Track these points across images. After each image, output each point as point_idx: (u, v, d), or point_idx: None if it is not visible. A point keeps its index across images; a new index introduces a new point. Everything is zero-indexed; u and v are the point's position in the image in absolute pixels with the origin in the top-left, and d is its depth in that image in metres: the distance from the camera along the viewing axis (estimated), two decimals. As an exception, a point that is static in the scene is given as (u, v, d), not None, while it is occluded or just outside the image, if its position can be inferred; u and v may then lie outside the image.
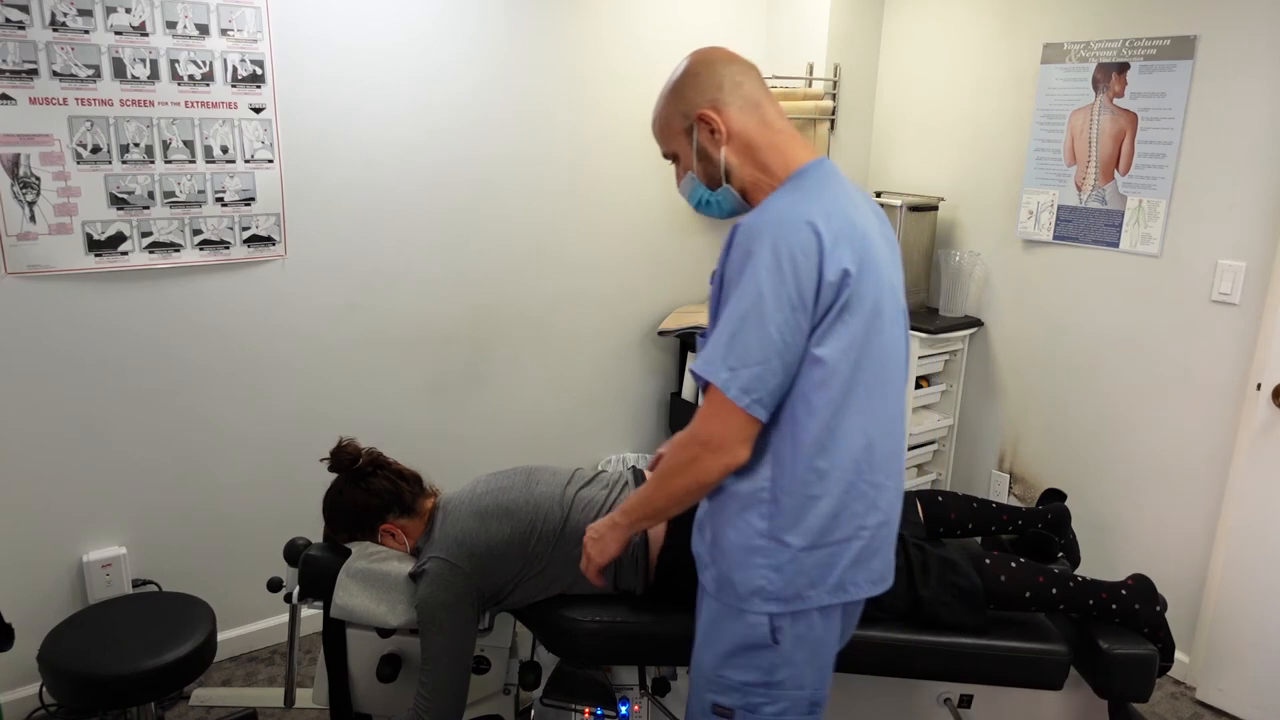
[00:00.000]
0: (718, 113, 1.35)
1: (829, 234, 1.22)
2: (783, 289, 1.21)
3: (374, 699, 2.02)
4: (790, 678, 1.35)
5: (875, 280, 1.27)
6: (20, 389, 2.29)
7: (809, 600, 1.32)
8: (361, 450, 1.99)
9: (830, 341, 1.25)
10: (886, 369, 1.31)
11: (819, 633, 1.35)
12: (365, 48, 2.59)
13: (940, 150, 3.29)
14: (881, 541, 1.36)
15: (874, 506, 1.33)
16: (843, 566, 1.32)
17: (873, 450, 1.31)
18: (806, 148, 1.38)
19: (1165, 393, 2.72)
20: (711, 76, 1.36)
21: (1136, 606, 1.87)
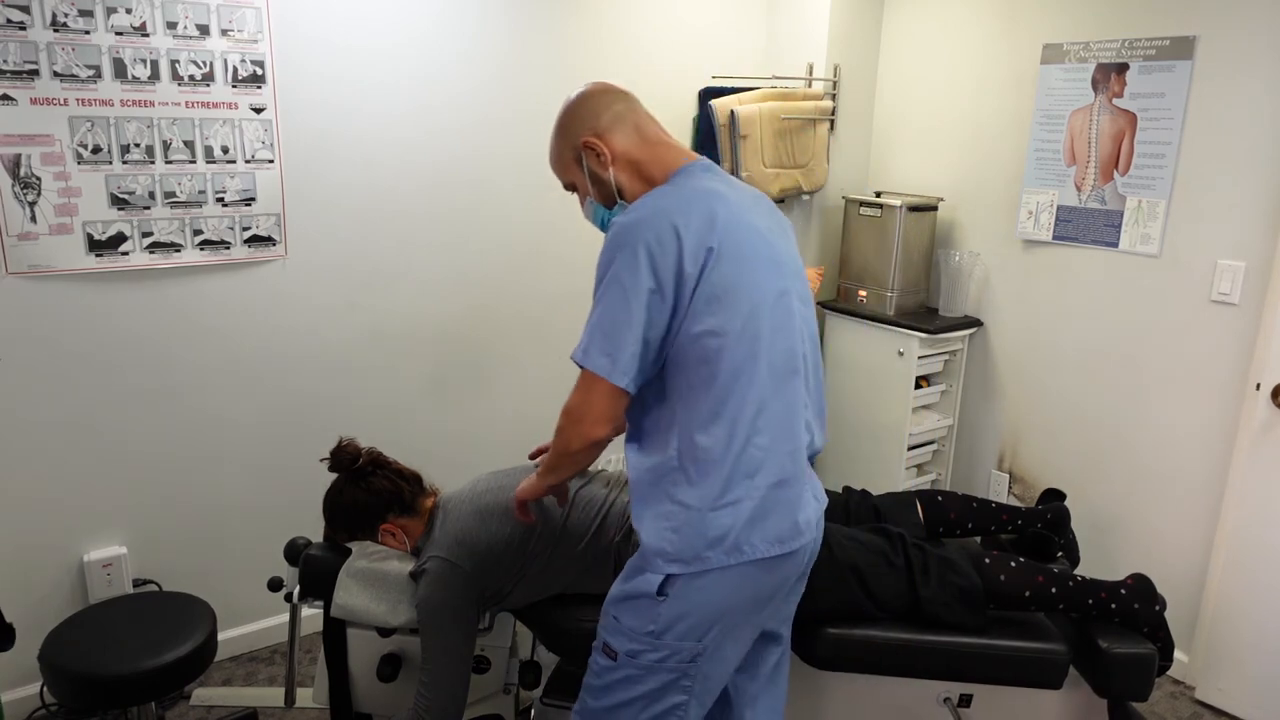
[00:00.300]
0: (600, 138, 1.50)
1: (686, 224, 1.35)
2: (640, 276, 1.34)
3: (374, 699, 2.02)
4: (674, 630, 1.42)
5: (746, 264, 1.38)
6: (21, 389, 2.29)
7: (708, 561, 1.39)
8: (361, 450, 1.99)
9: (705, 320, 1.35)
10: (776, 342, 1.41)
11: (715, 593, 1.41)
12: (365, 48, 2.59)
13: (940, 150, 3.30)
14: (776, 502, 1.42)
15: (763, 468, 1.40)
16: (738, 528, 1.39)
17: (762, 416, 1.39)
18: (683, 154, 1.52)
19: (1165, 393, 2.72)
20: (590, 108, 1.52)
21: (1136, 606, 1.87)
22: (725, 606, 1.42)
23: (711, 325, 1.36)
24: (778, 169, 3.17)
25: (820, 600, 1.85)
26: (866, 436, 3.33)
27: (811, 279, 3.32)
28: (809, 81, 3.32)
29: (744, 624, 1.47)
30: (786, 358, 1.43)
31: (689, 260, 1.34)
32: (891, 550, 1.90)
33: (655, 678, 1.44)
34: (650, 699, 1.45)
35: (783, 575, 1.46)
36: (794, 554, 1.45)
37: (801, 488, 1.46)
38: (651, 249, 1.34)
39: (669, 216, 1.35)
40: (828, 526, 1.95)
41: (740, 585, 1.42)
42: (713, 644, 1.43)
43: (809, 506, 1.48)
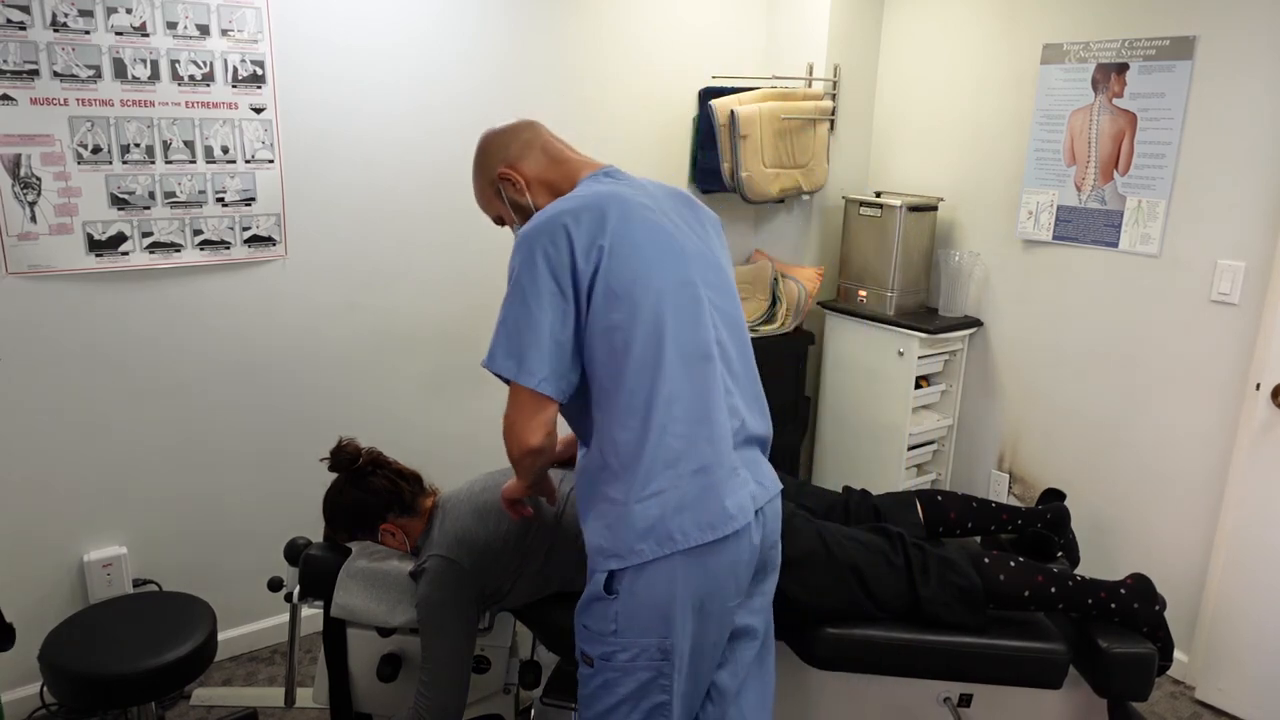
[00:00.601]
0: (512, 168, 1.60)
1: (575, 224, 1.41)
2: (539, 278, 1.40)
3: (374, 699, 2.02)
4: (632, 626, 1.44)
5: (643, 258, 1.43)
6: (21, 389, 2.29)
7: (642, 554, 1.41)
8: (361, 450, 1.99)
9: (607, 316, 1.40)
10: (683, 331, 1.44)
11: (659, 585, 1.42)
12: (365, 48, 2.59)
13: (940, 150, 3.30)
14: (701, 489, 1.43)
15: (683, 457, 1.42)
16: (665, 518, 1.41)
17: (676, 405, 1.42)
18: (587, 166, 1.61)
19: (1165, 393, 2.72)
20: (499, 142, 1.62)
21: (1136, 606, 1.87)
22: (674, 597, 1.43)
23: (614, 320, 1.40)
24: (778, 169, 3.17)
25: (820, 600, 1.85)
26: (866, 436, 3.33)
27: (812, 279, 3.32)
28: (809, 81, 3.32)
29: (705, 615, 1.47)
30: (697, 345, 1.46)
31: (581, 258, 1.39)
32: (891, 550, 1.90)
33: (632, 679, 1.46)
34: (634, 701, 1.47)
35: (728, 561, 1.46)
36: (731, 539, 1.45)
37: (728, 473, 1.46)
38: (547, 251, 1.40)
39: (560, 219, 1.41)
40: (826, 526, 1.95)
41: (683, 575, 1.43)
42: (678, 637, 1.44)
43: (741, 491, 1.47)
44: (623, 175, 1.59)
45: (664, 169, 3.32)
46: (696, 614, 1.46)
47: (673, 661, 1.45)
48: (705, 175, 3.30)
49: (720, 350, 1.50)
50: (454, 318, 2.94)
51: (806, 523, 1.93)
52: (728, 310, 1.55)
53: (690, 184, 3.40)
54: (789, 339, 3.32)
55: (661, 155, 3.30)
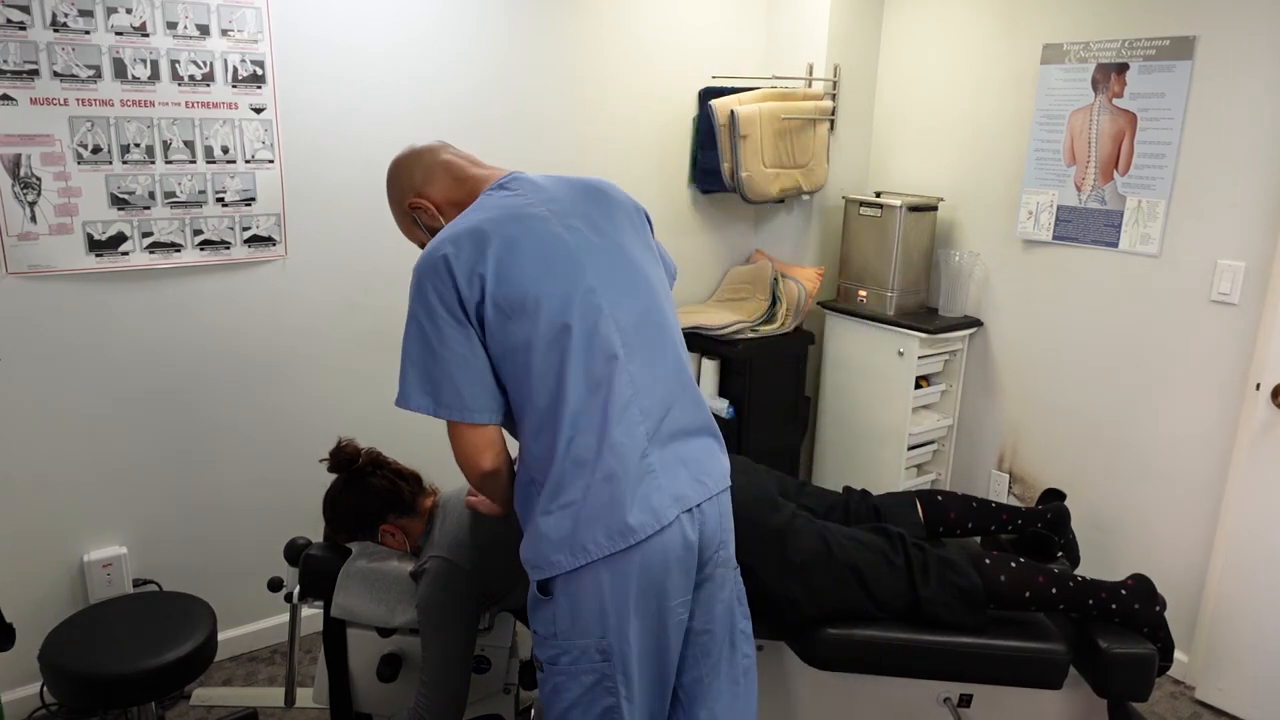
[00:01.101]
0: (421, 195, 1.61)
1: (456, 255, 1.40)
2: (434, 312, 1.41)
3: (374, 699, 2.02)
4: (572, 628, 1.45)
5: (530, 275, 1.42)
6: (21, 389, 2.29)
7: (559, 565, 1.42)
8: (361, 450, 1.99)
9: (504, 339, 1.42)
10: (583, 341, 1.43)
11: (587, 590, 1.43)
12: (365, 48, 2.59)
13: (940, 150, 3.30)
14: (611, 497, 1.41)
15: (591, 466, 1.42)
16: (580, 527, 1.41)
17: (581, 416, 1.42)
18: (487, 179, 1.59)
19: (1165, 393, 2.72)
20: (404, 171, 1.63)
21: (1136, 606, 1.87)
22: (603, 602, 1.43)
23: (509, 341, 1.42)
24: (778, 169, 3.17)
25: (820, 600, 1.85)
26: (866, 436, 3.33)
27: (812, 279, 3.32)
28: (809, 81, 3.32)
29: (643, 615, 1.45)
30: (596, 353, 1.44)
31: (464, 287, 1.40)
32: (891, 550, 1.90)
33: (578, 681, 1.47)
34: (585, 705, 1.48)
35: (656, 563, 1.44)
36: (653, 542, 1.42)
37: (640, 478, 1.43)
38: (434, 284, 1.41)
39: (441, 250, 1.42)
40: (828, 526, 1.95)
41: (609, 579, 1.42)
42: (614, 638, 1.44)
43: (658, 494, 1.44)
44: (521, 182, 1.55)
45: (664, 169, 3.32)
46: (635, 615, 1.44)
47: (614, 663, 1.45)
48: (705, 175, 3.30)
49: (626, 352, 1.46)
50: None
51: (808, 523, 1.93)
52: (637, 307, 1.51)
53: (690, 184, 3.40)
54: (789, 339, 3.32)
55: (661, 155, 3.30)
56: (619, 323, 1.47)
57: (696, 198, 3.44)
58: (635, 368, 1.47)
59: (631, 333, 1.48)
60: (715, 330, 3.17)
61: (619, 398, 1.44)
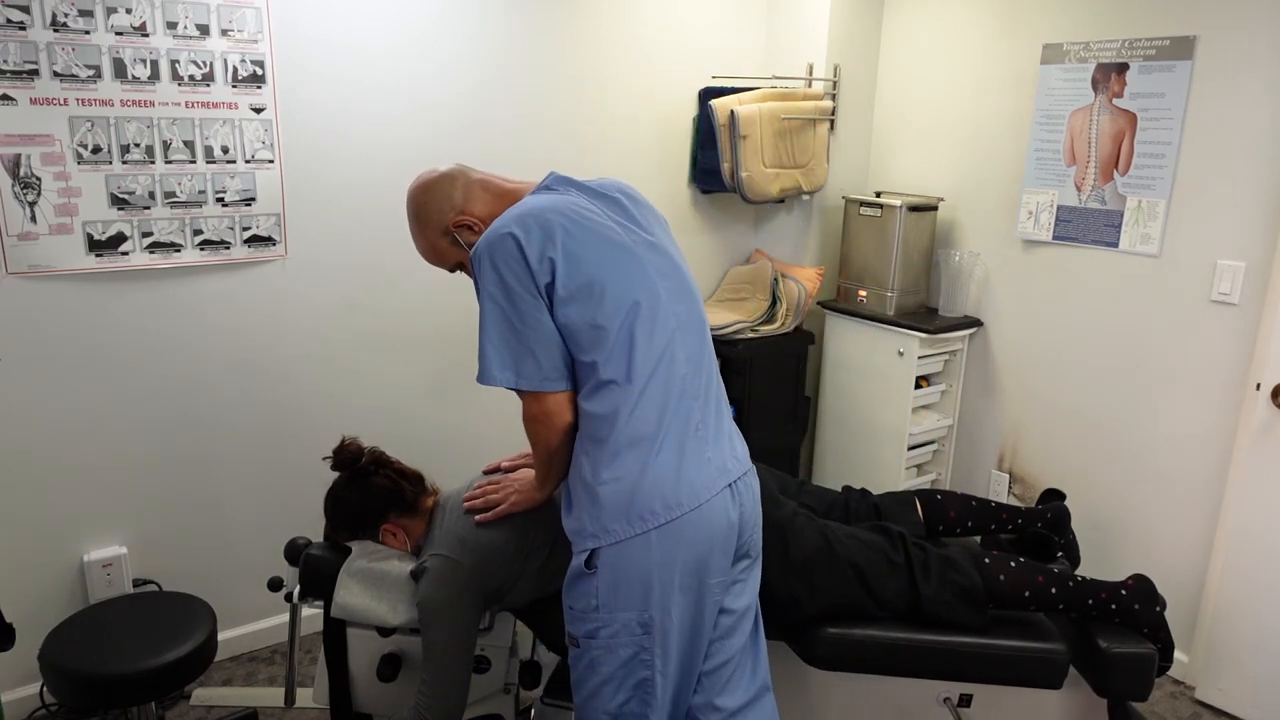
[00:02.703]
0: (465, 213, 1.62)
1: (524, 233, 1.46)
2: (509, 290, 1.46)
3: (374, 699, 2.02)
4: (613, 601, 1.50)
5: (599, 259, 1.49)
6: (21, 389, 2.29)
7: (616, 534, 1.48)
8: (364, 449, 1.99)
9: (572, 317, 1.47)
10: (646, 323, 1.51)
11: (636, 559, 1.48)
12: (365, 48, 2.59)
13: (940, 150, 3.30)
14: (665, 469, 1.49)
15: (650, 439, 1.49)
16: (639, 496, 1.47)
17: (642, 392, 1.49)
18: (527, 187, 1.65)
19: (1165, 393, 2.72)
20: (442, 192, 1.63)
21: (1136, 606, 1.87)
22: (650, 571, 1.48)
23: (577, 319, 1.47)
24: (778, 169, 3.17)
25: (820, 598, 1.85)
26: (866, 436, 3.33)
27: (812, 279, 3.32)
28: (809, 81, 3.32)
29: (685, 591, 1.51)
30: (658, 335, 1.52)
31: (535, 265, 1.45)
32: (892, 548, 1.90)
33: (615, 656, 1.52)
34: (619, 679, 1.52)
35: (703, 536, 1.51)
36: (703, 513, 1.49)
37: (693, 452, 1.52)
38: (506, 261, 1.46)
39: (506, 229, 1.47)
40: (829, 524, 1.95)
41: (659, 550, 1.48)
42: (657, 611, 1.49)
43: (706, 468, 1.53)
44: (564, 183, 1.62)
45: (664, 169, 3.32)
46: (677, 589, 1.50)
47: (654, 636, 1.50)
48: (705, 175, 3.30)
49: (680, 334, 1.56)
50: (454, 317, 2.94)
51: (809, 521, 1.93)
52: (685, 295, 1.61)
53: (690, 184, 3.40)
54: (789, 339, 3.32)
55: (661, 155, 3.30)
56: (674, 308, 1.57)
57: (696, 198, 3.44)
58: (688, 350, 1.57)
59: (684, 318, 1.58)
60: (715, 330, 3.17)
61: (677, 374, 1.53)
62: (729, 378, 3.26)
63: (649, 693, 1.52)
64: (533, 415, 1.54)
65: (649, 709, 1.53)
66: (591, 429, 1.51)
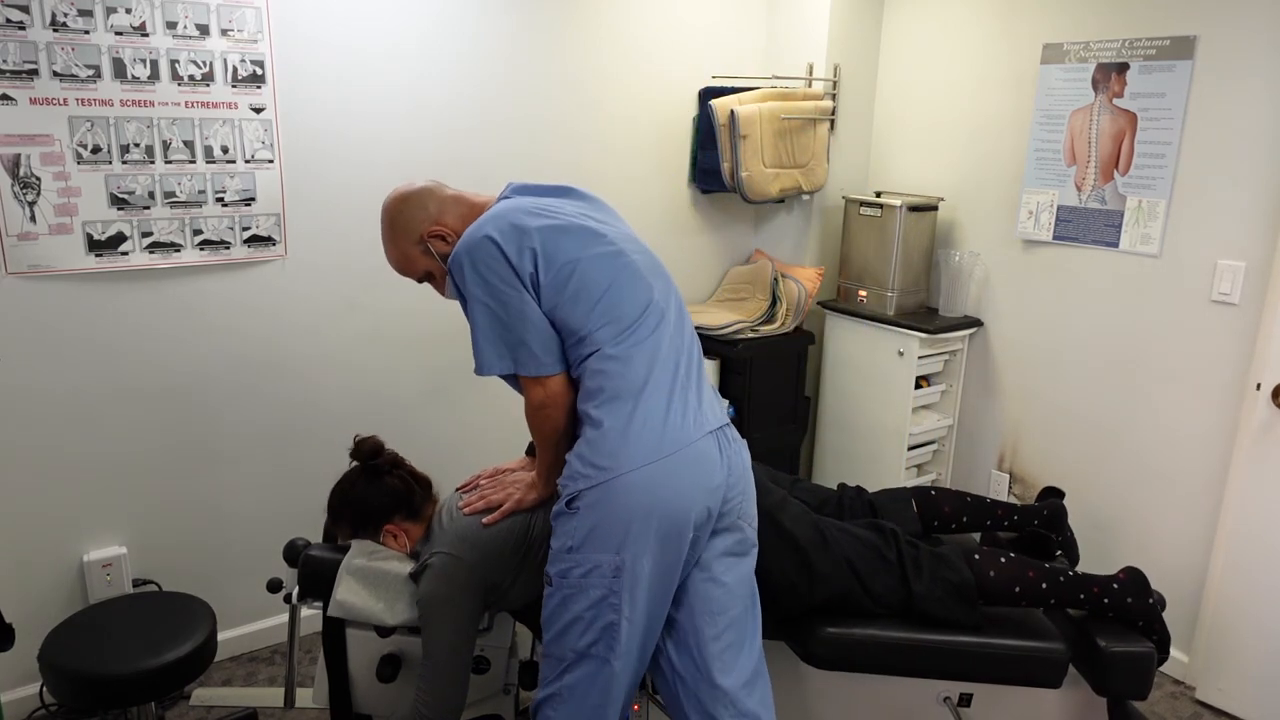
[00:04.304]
0: (440, 224, 1.71)
1: (499, 233, 1.57)
2: (492, 288, 1.57)
3: (374, 699, 2.02)
4: (590, 543, 1.57)
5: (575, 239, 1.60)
6: (21, 389, 2.29)
7: (607, 471, 1.56)
8: (384, 447, 2.00)
9: (561, 291, 1.57)
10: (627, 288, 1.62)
11: (618, 500, 1.55)
12: (365, 48, 2.59)
13: (940, 150, 3.30)
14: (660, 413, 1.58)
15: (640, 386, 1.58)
16: (631, 438, 1.56)
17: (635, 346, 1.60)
18: (493, 198, 1.74)
19: (1165, 392, 2.72)
20: (417, 204, 1.72)
21: (1129, 600, 1.87)
22: (631, 514, 1.55)
23: (566, 291, 1.57)
24: (778, 169, 3.17)
25: (819, 587, 1.85)
26: (866, 436, 3.33)
27: (812, 279, 3.32)
28: (809, 81, 3.32)
29: (662, 538, 1.56)
30: (640, 299, 1.64)
31: (515, 259, 1.56)
32: (884, 545, 1.90)
33: (585, 596, 1.58)
34: (587, 621, 1.58)
35: (686, 482, 1.57)
36: (687, 457, 1.57)
37: (681, 401, 1.62)
38: (486, 262, 1.57)
39: (481, 232, 1.58)
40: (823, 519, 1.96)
41: (641, 491, 1.55)
42: (630, 555, 1.55)
43: (691, 415, 1.62)
44: (523, 188, 1.74)
45: (664, 169, 3.32)
46: (654, 535, 1.55)
47: (623, 580, 1.56)
48: (705, 175, 3.30)
49: (662, 298, 1.67)
50: (453, 317, 2.93)
51: (804, 512, 1.93)
52: (655, 267, 1.72)
53: (690, 184, 3.40)
54: (789, 339, 3.32)
55: (661, 155, 3.30)
56: (648, 275, 1.68)
57: (696, 198, 3.44)
58: (667, 309, 1.68)
59: (661, 280, 1.71)
60: (715, 330, 3.17)
61: (665, 331, 1.64)
62: (729, 378, 3.26)
63: (614, 638, 1.58)
64: (539, 401, 1.63)
65: (612, 654, 1.59)
66: (585, 390, 1.61)
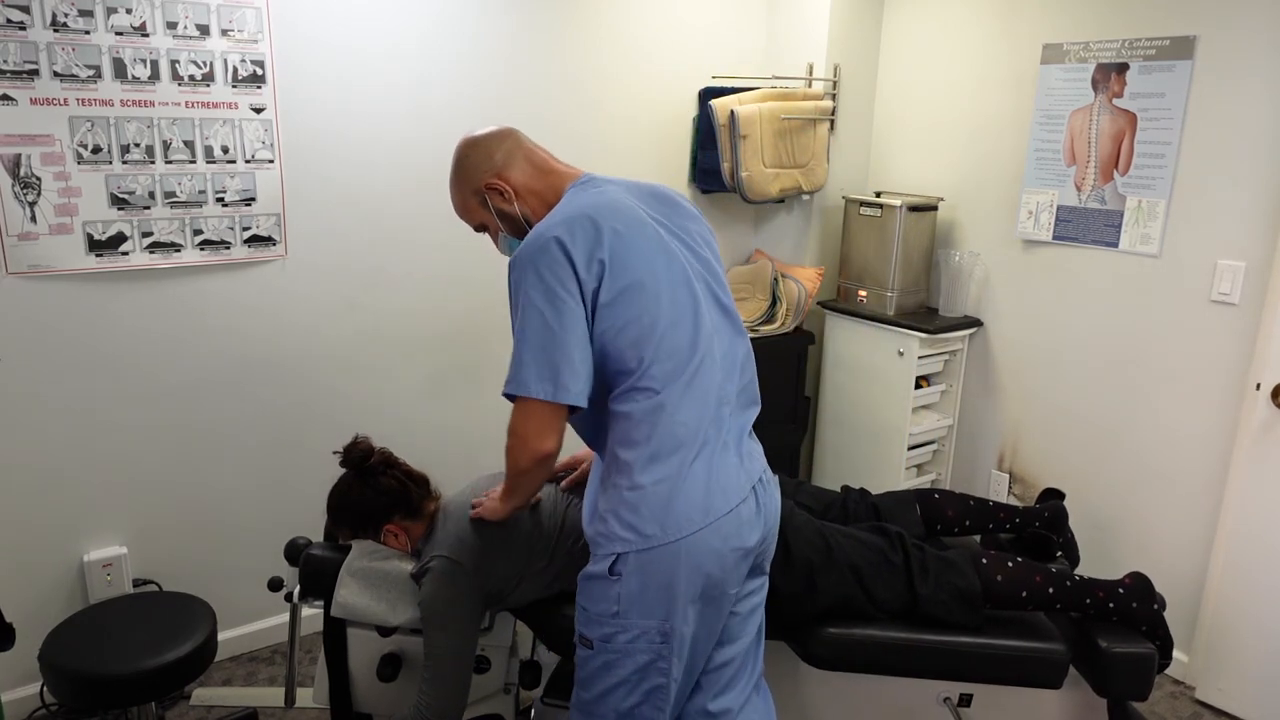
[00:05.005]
0: (500, 177, 1.61)
1: (573, 241, 1.43)
2: (553, 294, 1.42)
3: (374, 699, 2.02)
4: (635, 609, 1.47)
5: (646, 260, 1.48)
6: (21, 389, 2.29)
7: (651, 539, 1.45)
8: (374, 448, 2.00)
9: (616, 319, 1.44)
10: (686, 327, 1.50)
11: (664, 568, 1.46)
12: (365, 48, 2.59)
13: (940, 150, 3.30)
14: (704, 474, 1.48)
15: (687, 444, 1.47)
16: (675, 501, 1.45)
17: (681, 396, 1.47)
18: (570, 176, 1.63)
19: (1165, 393, 2.72)
20: (484, 151, 1.62)
21: (1134, 605, 1.87)
22: (677, 581, 1.47)
23: (621, 321, 1.45)
24: (778, 169, 3.17)
25: (819, 599, 1.85)
26: (866, 436, 3.33)
27: (812, 279, 3.32)
28: (809, 81, 3.32)
29: (705, 601, 1.50)
30: (697, 338, 1.51)
31: (582, 270, 1.43)
32: (890, 549, 1.90)
33: (631, 660, 1.50)
34: (633, 684, 1.50)
35: (731, 546, 1.50)
36: (730, 520, 1.49)
37: (725, 459, 1.52)
38: (551, 267, 1.43)
39: (553, 233, 1.44)
40: (827, 524, 1.95)
41: (686, 558, 1.46)
42: (678, 621, 1.48)
43: (737, 474, 1.53)
44: (605, 181, 1.61)
45: (664, 169, 3.32)
46: (700, 598, 1.49)
47: (672, 645, 1.49)
48: (705, 175, 3.30)
49: (718, 336, 1.56)
50: (454, 317, 2.94)
51: (807, 521, 1.93)
52: (720, 301, 1.60)
53: (690, 184, 3.40)
54: (789, 339, 3.32)
55: (661, 155, 3.30)
56: (712, 312, 1.57)
57: (696, 198, 3.44)
58: (724, 353, 1.56)
59: (720, 322, 1.58)
60: (715, 330, 3.17)
61: (715, 379, 1.52)
62: (729, 378, 3.26)
63: (662, 698, 1.51)
64: (527, 425, 1.47)
65: (661, 713, 1.52)
66: (626, 432, 1.48)
